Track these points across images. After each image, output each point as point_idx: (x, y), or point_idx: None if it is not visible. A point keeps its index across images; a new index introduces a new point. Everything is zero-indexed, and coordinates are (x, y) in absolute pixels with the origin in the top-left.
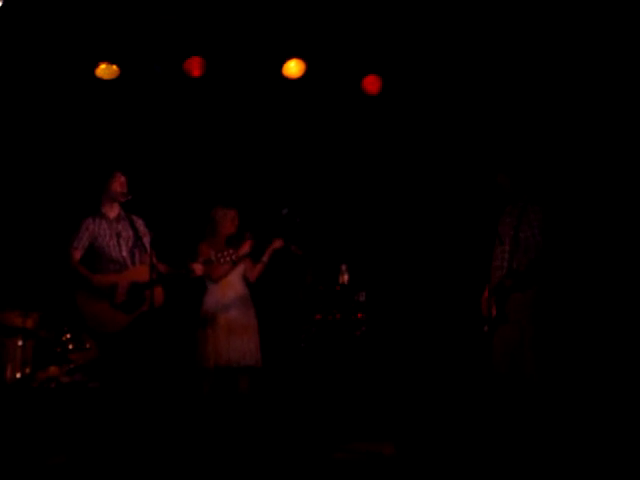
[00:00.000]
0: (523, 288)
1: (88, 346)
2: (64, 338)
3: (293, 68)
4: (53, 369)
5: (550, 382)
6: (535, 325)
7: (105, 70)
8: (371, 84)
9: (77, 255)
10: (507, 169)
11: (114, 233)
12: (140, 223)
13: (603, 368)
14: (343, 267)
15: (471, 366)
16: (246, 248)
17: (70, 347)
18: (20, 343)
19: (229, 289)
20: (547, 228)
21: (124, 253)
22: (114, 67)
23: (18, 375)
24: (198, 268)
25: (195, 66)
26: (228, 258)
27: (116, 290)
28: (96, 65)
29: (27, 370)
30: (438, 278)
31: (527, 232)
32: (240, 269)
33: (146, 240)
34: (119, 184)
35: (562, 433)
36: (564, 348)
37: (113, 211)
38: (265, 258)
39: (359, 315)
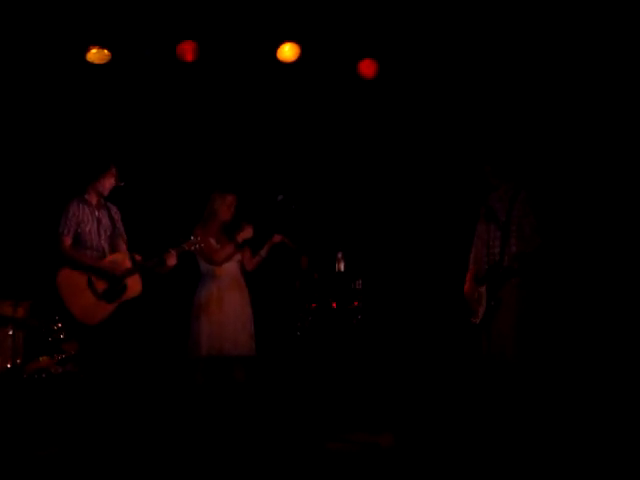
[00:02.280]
0: (526, 271)
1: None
2: (55, 327)
3: (288, 52)
4: (44, 359)
5: (537, 367)
6: (525, 310)
7: (96, 54)
8: (367, 68)
9: (68, 241)
10: (492, 158)
11: (95, 220)
12: (115, 211)
13: (591, 354)
14: (339, 255)
15: (468, 354)
16: (249, 233)
17: (62, 337)
18: (10, 333)
19: (224, 277)
20: (537, 213)
21: (102, 241)
22: (105, 51)
23: (8, 365)
24: (172, 258)
25: (188, 50)
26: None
27: (96, 279)
28: (87, 49)
29: (18, 360)
30: (435, 266)
31: (520, 213)
32: (236, 257)
33: (120, 227)
34: (113, 179)
35: (554, 420)
36: (551, 333)
37: (94, 198)
38: (264, 252)
39: (355, 303)
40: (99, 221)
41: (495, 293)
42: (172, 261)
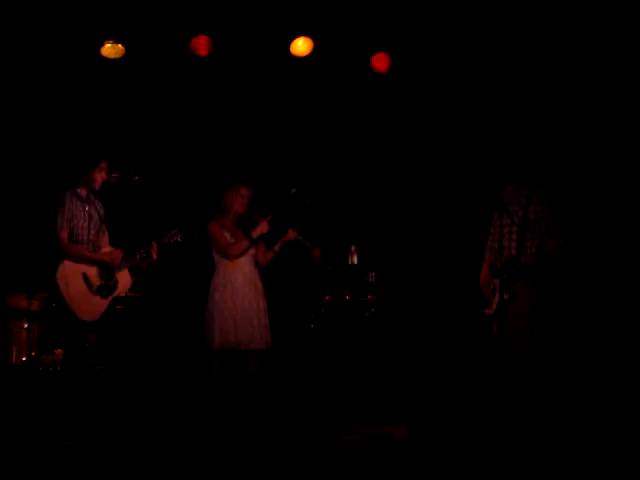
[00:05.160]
0: (543, 269)
1: None
2: None
3: (301, 46)
4: (59, 352)
5: (550, 362)
6: (540, 306)
7: (110, 49)
8: (380, 62)
9: (66, 235)
10: (513, 150)
11: (86, 215)
12: (101, 206)
13: (605, 350)
14: (352, 248)
15: (480, 348)
16: (264, 228)
17: None
18: (25, 326)
19: (238, 270)
20: (555, 208)
21: (92, 236)
22: (119, 46)
23: (24, 358)
24: (155, 251)
25: (202, 45)
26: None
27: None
28: (101, 44)
29: (33, 353)
30: (447, 259)
31: (537, 209)
32: (250, 251)
33: (103, 224)
34: (104, 173)
35: (565, 415)
36: (565, 329)
37: (85, 192)
38: (277, 247)
39: (368, 296)
40: (90, 216)
41: (509, 287)
42: (155, 255)
